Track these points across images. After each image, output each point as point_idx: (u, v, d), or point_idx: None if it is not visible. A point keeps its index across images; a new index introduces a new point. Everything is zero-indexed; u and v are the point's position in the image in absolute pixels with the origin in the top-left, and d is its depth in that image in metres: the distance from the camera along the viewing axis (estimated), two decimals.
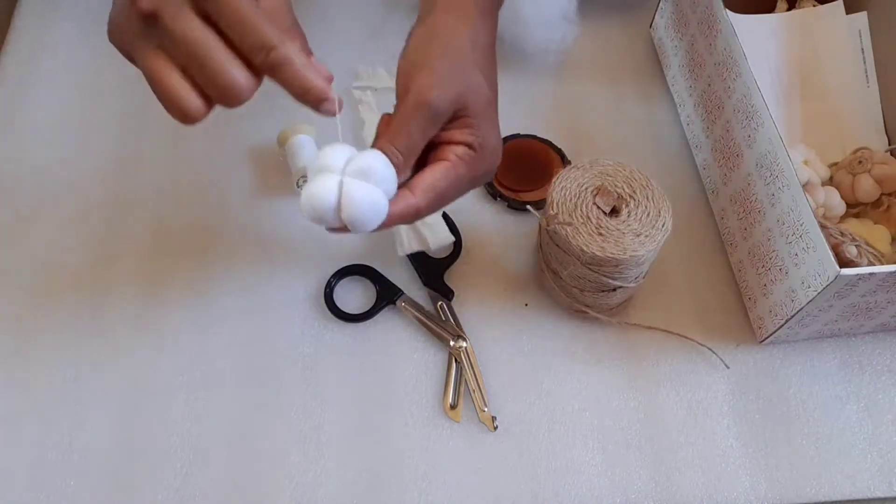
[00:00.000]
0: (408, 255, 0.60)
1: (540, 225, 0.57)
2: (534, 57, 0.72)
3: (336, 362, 0.57)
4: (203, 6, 0.37)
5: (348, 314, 0.58)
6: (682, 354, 0.58)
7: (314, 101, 0.39)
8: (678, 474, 0.53)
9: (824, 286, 0.48)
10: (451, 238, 0.60)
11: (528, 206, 0.59)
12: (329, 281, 0.59)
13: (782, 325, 0.54)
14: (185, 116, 0.38)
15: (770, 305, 0.56)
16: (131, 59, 0.39)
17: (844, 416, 0.56)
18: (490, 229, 0.63)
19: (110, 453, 0.52)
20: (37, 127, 0.68)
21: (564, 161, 0.66)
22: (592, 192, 0.53)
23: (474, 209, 0.64)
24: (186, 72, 0.37)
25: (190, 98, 0.37)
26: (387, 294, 0.59)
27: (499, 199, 0.64)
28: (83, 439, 0.53)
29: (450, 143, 0.44)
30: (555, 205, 0.53)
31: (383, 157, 0.42)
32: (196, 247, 0.61)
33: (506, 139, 0.67)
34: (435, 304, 0.59)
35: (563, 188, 0.54)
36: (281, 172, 0.64)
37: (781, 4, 0.72)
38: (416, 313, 0.58)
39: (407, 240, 0.59)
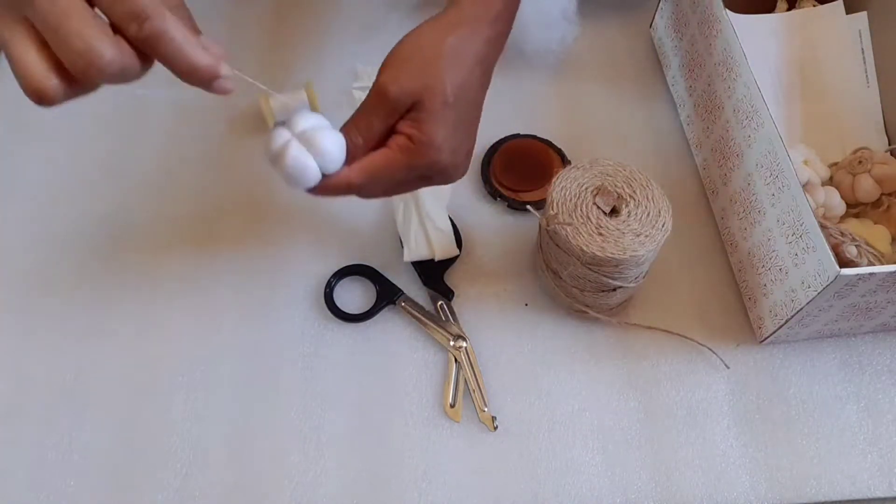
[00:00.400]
0: None
1: (540, 225, 0.57)
2: (534, 57, 0.72)
3: (336, 362, 0.57)
4: None
5: (348, 314, 0.58)
6: (682, 354, 0.58)
7: (202, 80, 0.36)
8: (678, 474, 0.53)
9: (824, 286, 0.48)
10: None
11: (528, 206, 0.59)
12: (329, 281, 0.59)
13: (782, 325, 0.54)
14: (37, 95, 0.33)
15: (770, 305, 0.56)
16: None
17: (844, 416, 0.56)
18: (490, 229, 0.63)
19: (110, 453, 0.52)
20: (36, 125, 0.68)
21: (564, 161, 0.66)
22: (592, 192, 0.53)
23: (474, 209, 0.64)
24: (49, 45, 0.33)
25: (41, 74, 0.33)
26: (387, 294, 0.59)
27: (499, 199, 0.64)
28: (83, 439, 0.53)
29: (396, 132, 0.46)
30: (555, 205, 0.53)
31: (337, 136, 0.45)
32: (196, 246, 0.61)
33: (506, 139, 0.67)
34: (435, 304, 0.59)
35: (563, 188, 0.54)
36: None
37: (781, 4, 0.72)
38: (416, 313, 0.58)
39: (415, 244, 0.59)
